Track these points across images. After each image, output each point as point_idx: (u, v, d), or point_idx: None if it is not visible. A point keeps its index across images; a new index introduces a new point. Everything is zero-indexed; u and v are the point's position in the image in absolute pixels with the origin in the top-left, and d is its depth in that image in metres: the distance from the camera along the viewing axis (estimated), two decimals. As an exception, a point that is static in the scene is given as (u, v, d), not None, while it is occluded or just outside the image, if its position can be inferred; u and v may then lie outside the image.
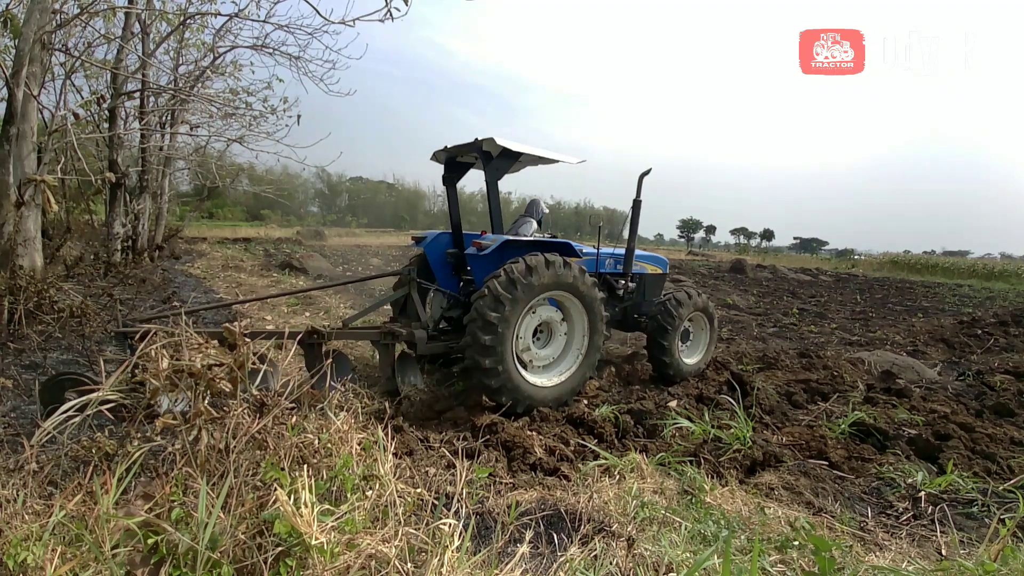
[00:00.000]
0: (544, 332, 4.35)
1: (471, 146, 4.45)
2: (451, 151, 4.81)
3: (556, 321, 4.30)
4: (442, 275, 4.99)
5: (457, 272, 5.03)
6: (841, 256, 57.00)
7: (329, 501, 1.79)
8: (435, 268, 4.98)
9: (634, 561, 1.95)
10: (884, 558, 2.27)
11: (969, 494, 2.96)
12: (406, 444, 3.11)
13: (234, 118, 9.95)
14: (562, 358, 4.33)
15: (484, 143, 4.32)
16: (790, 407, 4.52)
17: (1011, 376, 5.91)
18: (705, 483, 2.81)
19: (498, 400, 3.84)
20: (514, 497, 2.51)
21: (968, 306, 15.24)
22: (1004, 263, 41.00)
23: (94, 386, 2.02)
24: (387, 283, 8.14)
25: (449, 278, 5.02)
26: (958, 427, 3.92)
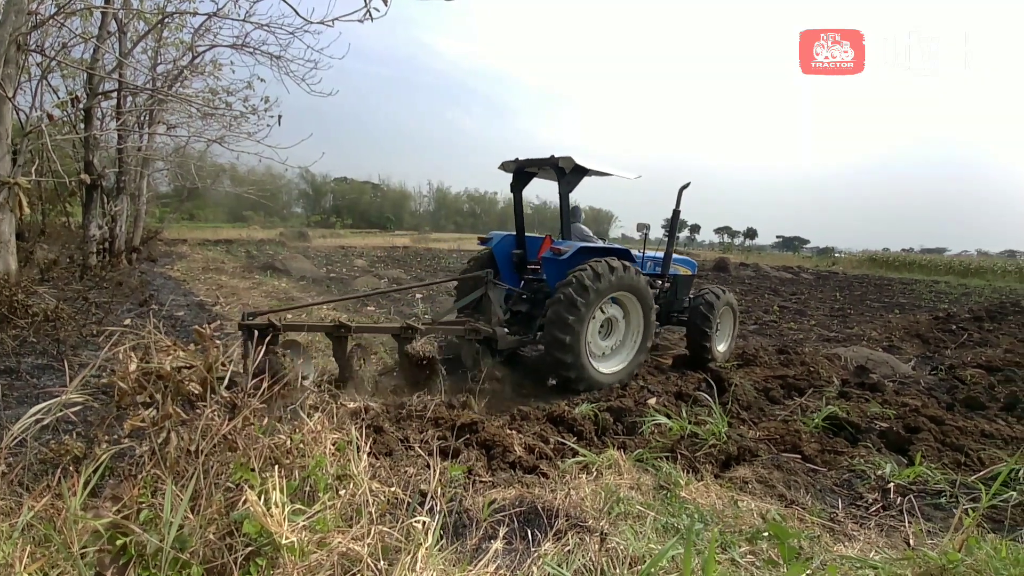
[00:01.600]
0: (605, 326, 4.97)
1: (546, 161, 5.00)
2: (522, 163, 5.32)
3: (618, 317, 4.99)
4: (506, 273, 5.48)
5: (519, 271, 5.61)
6: (822, 254, 57.88)
7: (301, 501, 1.80)
8: (500, 266, 5.47)
9: (607, 555, 1.98)
10: (852, 548, 2.32)
11: (937, 485, 3.03)
12: (385, 444, 3.11)
13: (214, 118, 9.84)
14: (621, 347, 5.07)
15: (560, 160, 4.86)
16: (767, 403, 4.60)
17: (983, 370, 6.07)
18: (681, 478, 2.85)
19: (575, 387, 4.55)
20: (492, 495, 2.53)
21: (944, 302, 15.59)
22: (980, 260, 42.00)
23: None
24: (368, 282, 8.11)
25: (512, 276, 5.56)
26: (928, 420, 4.01)
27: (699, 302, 5.86)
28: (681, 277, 6.29)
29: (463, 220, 74.72)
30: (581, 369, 4.53)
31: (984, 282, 27.44)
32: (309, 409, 2.16)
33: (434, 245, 32.43)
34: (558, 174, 5.08)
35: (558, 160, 4.87)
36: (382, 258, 20.34)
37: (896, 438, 3.68)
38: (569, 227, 5.32)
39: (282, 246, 22.52)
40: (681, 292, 6.25)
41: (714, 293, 5.97)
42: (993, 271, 32.45)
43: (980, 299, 16.94)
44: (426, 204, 75.37)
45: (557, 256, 4.83)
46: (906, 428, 3.88)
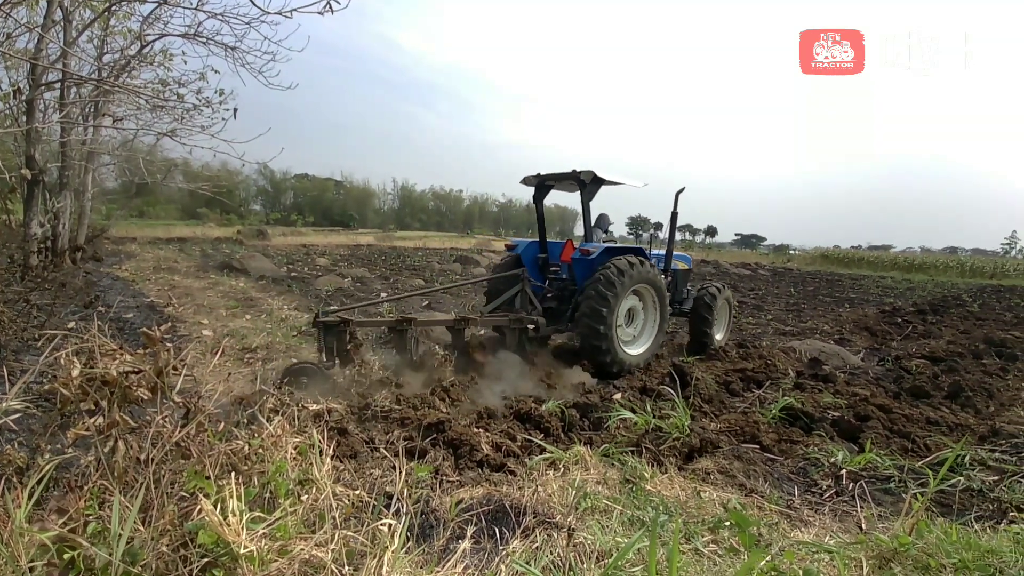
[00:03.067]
0: (628, 315, 5.67)
1: (569, 175, 5.70)
2: (544, 177, 6.02)
3: (638, 307, 5.79)
4: (532, 274, 6.03)
5: (542, 272, 6.33)
6: (778, 251, 59.94)
7: (261, 508, 1.74)
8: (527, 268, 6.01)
9: (574, 550, 1.99)
10: (808, 533, 2.41)
11: (886, 471, 3.17)
12: (350, 446, 3.05)
13: (164, 110, 9.38)
14: (642, 333, 5.87)
15: (582, 174, 5.58)
16: (727, 395, 4.73)
17: (927, 361, 6.40)
18: (646, 471, 2.90)
19: (610, 370, 5.24)
20: (460, 494, 2.51)
21: (890, 296, 16.39)
22: (924, 256, 44.49)
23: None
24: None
25: (536, 277, 6.20)
26: (877, 409, 4.20)
27: (702, 296, 6.65)
28: (680, 271, 6.92)
29: (428, 218, 74.00)
30: (614, 354, 5.26)
31: (927, 277, 29.03)
32: (269, 413, 2.08)
33: (399, 243, 31.95)
34: (580, 185, 5.77)
35: (580, 173, 5.59)
36: (345, 257, 19.91)
37: (847, 426, 3.84)
38: (592, 231, 6.06)
39: (240, 245, 21.77)
40: (680, 285, 6.92)
41: (716, 288, 6.78)
42: (936, 267, 34.37)
43: (924, 293, 17.90)
44: (390, 202, 74.29)
45: (586, 256, 5.52)
46: (856, 417, 4.05)
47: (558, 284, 6.18)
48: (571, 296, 5.77)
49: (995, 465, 3.24)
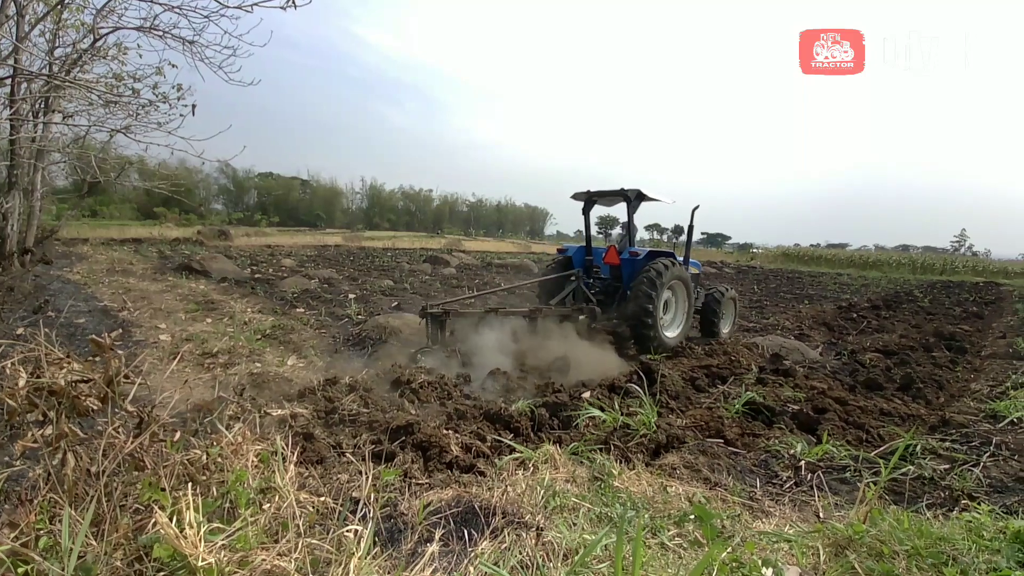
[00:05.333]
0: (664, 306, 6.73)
1: (617, 193, 6.98)
2: (592, 193, 7.26)
3: (672, 299, 7.03)
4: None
5: (587, 273, 7.30)
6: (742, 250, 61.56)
7: (221, 519, 1.68)
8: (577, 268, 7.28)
9: (543, 549, 2.00)
10: (769, 524, 2.48)
11: (842, 461, 3.30)
12: (316, 452, 2.98)
13: (118, 106, 8.98)
14: (675, 320, 7.10)
15: (629, 192, 6.87)
16: (693, 391, 4.83)
17: (880, 354, 6.68)
18: (614, 468, 2.93)
19: (655, 349, 6.33)
20: (429, 497, 2.49)
21: (847, 293, 17.04)
22: (878, 254, 46.46)
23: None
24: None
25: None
26: (834, 401, 4.36)
27: (711, 296, 7.77)
28: (693, 275, 7.90)
29: (398, 218, 73.19)
30: (659, 336, 6.43)
31: (881, 274, 30.31)
32: (229, 420, 2.02)
33: (368, 244, 31.48)
34: (627, 201, 7.04)
35: (627, 192, 6.89)
36: (312, 257, 19.51)
37: (806, 419, 3.97)
38: (634, 238, 7.36)
39: (200, 245, 21.07)
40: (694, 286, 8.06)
41: (723, 289, 7.99)
42: (889, 264, 35.95)
43: (878, 289, 18.69)
44: (359, 201, 73.20)
45: (634, 258, 6.79)
46: (814, 409, 4.19)
47: (601, 282, 7.32)
48: (614, 292, 7.11)
49: (945, 454, 3.41)
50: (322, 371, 4.86)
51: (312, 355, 5.37)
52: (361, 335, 6.27)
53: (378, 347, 5.74)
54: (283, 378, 4.22)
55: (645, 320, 6.29)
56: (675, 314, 7.13)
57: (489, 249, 34.50)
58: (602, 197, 7.31)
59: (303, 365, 5.05)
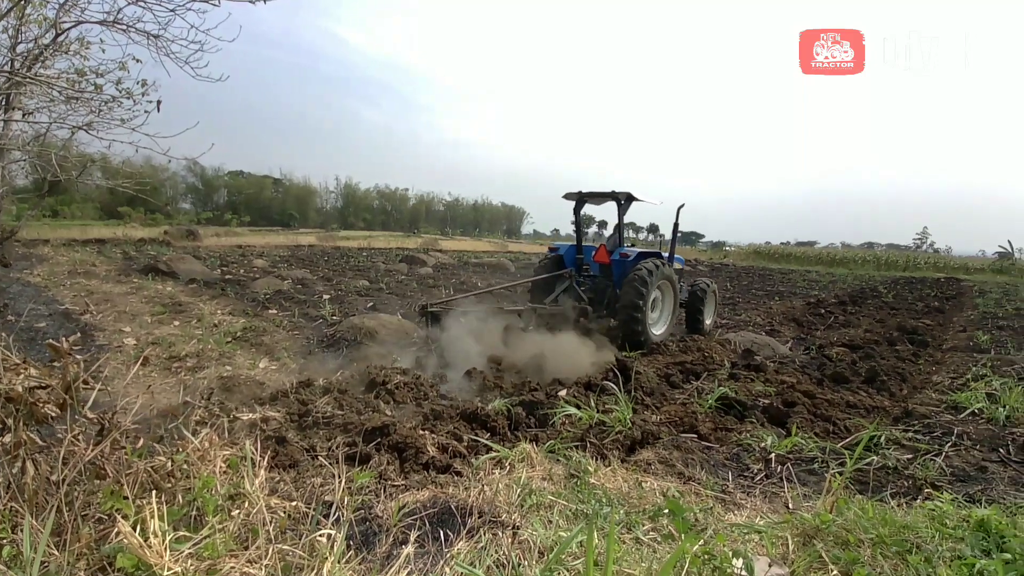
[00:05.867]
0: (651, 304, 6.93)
1: (608, 194, 7.27)
2: (584, 194, 7.48)
3: (659, 297, 7.26)
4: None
5: (578, 271, 7.57)
6: (715, 247, 62.68)
7: (187, 527, 1.64)
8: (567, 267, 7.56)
9: (519, 547, 2.00)
10: (741, 515, 2.53)
11: (811, 453, 3.38)
12: (289, 455, 2.93)
13: (80, 102, 8.65)
14: (661, 317, 7.39)
15: (620, 194, 7.16)
16: (668, 388, 4.89)
17: (846, 348, 6.87)
18: (590, 465, 2.95)
19: (643, 345, 6.55)
20: (404, 498, 2.46)
21: (815, 289, 17.50)
22: (844, 251, 47.92)
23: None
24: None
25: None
26: (802, 395, 4.48)
27: (695, 290, 8.08)
28: (678, 271, 8.24)
29: (373, 217, 72.36)
30: (647, 333, 6.69)
31: (847, 271, 31.21)
32: (196, 425, 1.97)
33: (342, 243, 31.03)
34: (617, 202, 7.30)
35: (618, 194, 7.17)
36: (285, 258, 19.14)
37: (776, 412, 4.06)
38: (623, 238, 7.55)
39: (167, 246, 20.45)
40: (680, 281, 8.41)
41: (706, 283, 8.25)
42: (854, 261, 37.07)
43: (844, 286, 19.24)
44: (333, 201, 72.13)
45: (625, 259, 7.03)
46: (784, 403, 4.29)
47: (591, 280, 7.64)
48: (604, 290, 7.37)
49: (909, 444, 3.53)
50: (295, 373, 4.78)
51: (285, 357, 5.28)
52: (336, 336, 6.18)
53: (353, 348, 5.67)
54: (255, 381, 4.13)
55: (635, 318, 6.54)
56: (661, 312, 7.47)
57: (466, 248, 34.40)
58: (593, 198, 7.58)
59: (276, 368, 4.96)
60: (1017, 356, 6.45)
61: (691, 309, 8.12)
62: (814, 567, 1.89)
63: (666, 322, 7.45)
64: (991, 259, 39.18)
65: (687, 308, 8.12)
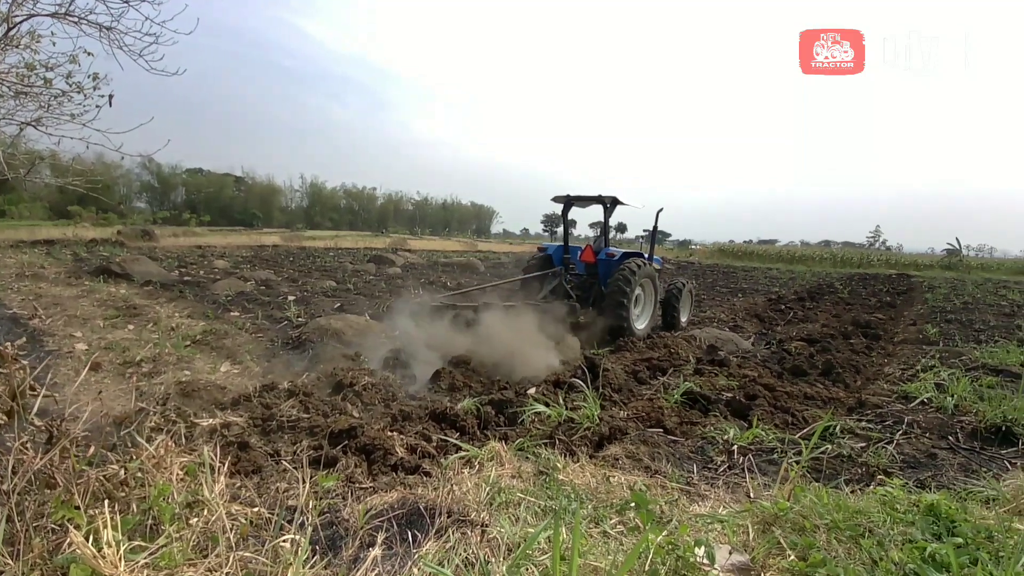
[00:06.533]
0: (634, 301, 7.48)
1: (595, 198, 7.69)
2: (572, 198, 7.86)
3: (641, 295, 7.81)
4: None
5: (565, 269, 7.95)
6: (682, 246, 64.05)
7: (143, 536, 1.58)
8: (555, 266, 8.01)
9: (488, 545, 2.00)
10: (705, 506, 2.60)
11: (771, 443, 3.49)
12: (252, 461, 2.86)
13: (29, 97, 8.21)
14: (644, 313, 7.90)
15: (606, 198, 7.59)
16: (636, 384, 4.97)
17: (804, 342, 7.12)
18: (559, 462, 2.97)
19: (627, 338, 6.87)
20: (372, 501, 2.43)
21: (776, 286, 18.07)
22: (803, 249, 49.62)
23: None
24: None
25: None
26: (763, 388, 4.62)
27: (672, 289, 8.56)
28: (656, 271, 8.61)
29: (340, 217, 71.14)
30: (631, 327, 7.20)
31: (806, 268, 32.34)
32: (151, 432, 1.90)
33: (308, 244, 30.38)
34: (603, 205, 7.74)
35: (605, 198, 7.60)
36: (248, 258, 18.62)
37: (739, 406, 4.18)
38: (609, 239, 8.15)
39: (121, 247, 19.61)
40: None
41: (682, 283, 8.77)
42: (813, 258, 38.44)
43: (803, 282, 19.92)
44: (298, 200, 70.60)
45: (611, 258, 7.59)
46: (746, 396, 4.42)
47: (578, 278, 8.09)
48: (590, 287, 7.93)
49: (862, 433, 3.68)
50: (259, 377, 4.66)
51: (248, 360, 5.14)
52: (301, 338, 6.05)
53: (319, 350, 5.55)
54: (215, 386, 4.00)
55: (620, 314, 7.06)
56: (644, 308, 7.98)
57: (435, 248, 34.16)
58: (580, 201, 7.99)
59: (238, 371, 4.82)
60: (964, 348, 6.80)
61: (668, 307, 8.51)
62: (773, 553, 1.95)
63: (648, 317, 7.94)
64: (940, 256, 41.25)
65: (664, 306, 8.49)
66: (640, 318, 7.80)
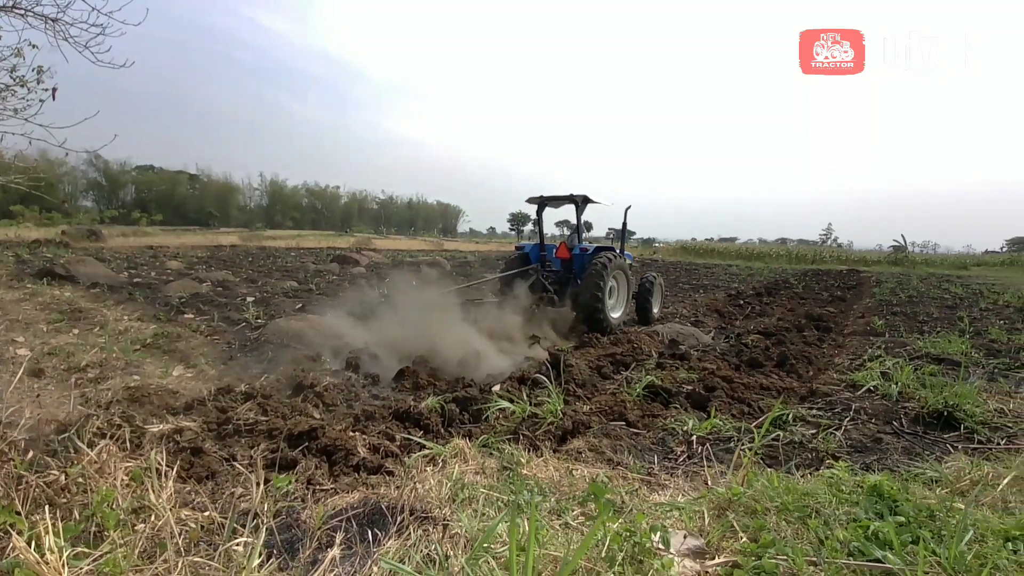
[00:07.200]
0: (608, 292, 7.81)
1: (567, 198, 8.20)
2: (545, 198, 8.35)
3: (615, 286, 8.18)
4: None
5: (543, 266, 8.52)
6: (646, 244, 65.20)
7: (86, 543, 1.52)
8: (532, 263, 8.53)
9: (450, 540, 2.00)
10: (664, 495, 2.66)
11: (728, 433, 3.60)
12: (206, 466, 2.77)
13: (-34, 91, 7.70)
14: (618, 303, 8.30)
15: (578, 197, 8.11)
16: (599, 379, 5.05)
17: (761, 335, 7.36)
18: (522, 457, 2.99)
19: (604, 329, 7.30)
20: (333, 502, 2.40)
21: (736, 282, 18.62)
22: (761, 246, 51.35)
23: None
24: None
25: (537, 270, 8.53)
26: (721, 380, 4.75)
27: (644, 283, 9.00)
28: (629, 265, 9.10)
29: (302, 216, 69.49)
30: (607, 318, 7.50)
31: (763, 264, 33.46)
32: (92, 437, 1.81)
33: (269, 243, 29.55)
34: (575, 204, 8.29)
35: (576, 197, 8.10)
36: (204, 259, 17.98)
37: (698, 397, 4.29)
38: (582, 235, 8.61)
39: (66, 248, 18.65)
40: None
41: (653, 276, 9.21)
42: (770, 255, 39.84)
43: (761, 278, 20.61)
44: (258, 198, 68.57)
45: (585, 253, 8.10)
46: (705, 388, 4.54)
47: (554, 274, 8.57)
48: (566, 282, 8.37)
49: (813, 420, 3.83)
50: (215, 381, 4.51)
51: (203, 364, 4.97)
52: (260, 340, 5.89)
53: (279, 352, 5.42)
54: (167, 391, 3.85)
55: (596, 305, 7.37)
56: (618, 299, 8.39)
57: (401, 247, 33.79)
58: (553, 201, 8.46)
59: (192, 375, 4.66)
60: (909, 338, 7.15)
61: (640, 300, 8.95)
62: (727, 536, 2.02)
63: (622, 307, 8.39)
64: (887, 252, 43.27)
65: (636, 300, 8.90)
66: (615, 308, 8.17)
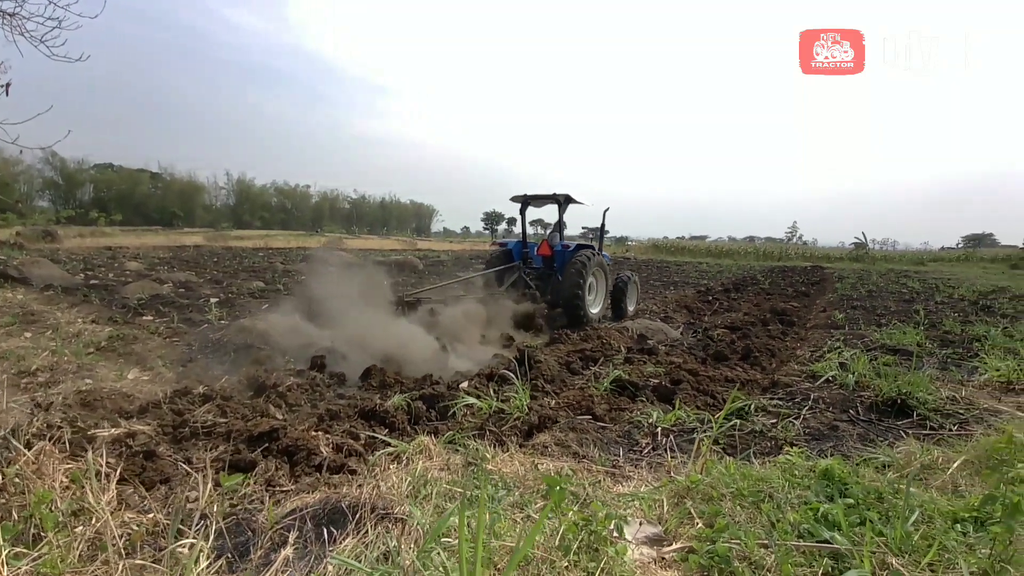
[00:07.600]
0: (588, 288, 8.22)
1: (550, 197, 8.54)
2: (529, 197, 8.67)
3: (594, 282, 8.60)
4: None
5: (524, 263, 8.83)
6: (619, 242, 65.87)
7: (25, 544, 1.45)
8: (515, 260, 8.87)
9: (409, 536, 1.98)
10: (628, 486, 2.68)
11: (691, 424, 3.66)
12: (160, 470, 2.67)
13: (-82, 88, 7.26)
14: (597, 299, 8.77)
15: (560, 196, 8.49)
16: (568, 374, 5.07)
17: (727, 330, 7.52)
18: (488, 452, 2.98)
19: (583, 323, 7.81)
20: (293, 502, 2.34)
21: (705, 279, 18.97)
22: (730, 244, 52.57)
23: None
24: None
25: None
26: (687, 373, 4.83)
27: (619, 282, 9.30)
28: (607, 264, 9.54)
29: (271, 216, 67.99)
30: (587, 312, 7.98)
31: (732, 262, 34.20)
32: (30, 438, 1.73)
33: (235, 244, 28.80)
34: (557, 203, 8.66)
35: (558, 196, 8.48)
36: (166, 260, 17.42)
37: (664, 391, 4.35)
38: (562, 233, 9.04)
39: (19, 249, 17.83)
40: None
41: (628, 275, 9.53)
42: (739, 252, 40.78)
43: (729, 275, 21.04)
44: (224, 197, 66.77)
45: (565, 250, 8.50)
46: (671, 381, 4.61)
47: (535, 271, 8.86)
48: (547, 278, 8.68)
49: (774, 410, 3.92)
50: (172, 383, 4.37)
51: (160, 366, 4.81)
52: (222, 341, 5.73)
53: (242, 352, 5.28)
54: (120, 394, 3.72)
55: (576, 300, 7.80)
56: (597, 294, 8.83)
57: (373, 247, 33.35)
58: (536, 200, 8.78)
59: (148, 378, 4.50)
60: (867, 331, 7.40)
61: (616, 297, 9.28)
62: (684, 522, 2.05)
63: (601, 303, 8.86)
64: (849, 249, 44.70)
65: (612, 297, 9.26)
66: (594, 303, 8.60)
